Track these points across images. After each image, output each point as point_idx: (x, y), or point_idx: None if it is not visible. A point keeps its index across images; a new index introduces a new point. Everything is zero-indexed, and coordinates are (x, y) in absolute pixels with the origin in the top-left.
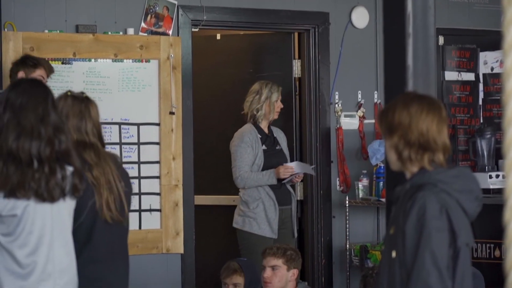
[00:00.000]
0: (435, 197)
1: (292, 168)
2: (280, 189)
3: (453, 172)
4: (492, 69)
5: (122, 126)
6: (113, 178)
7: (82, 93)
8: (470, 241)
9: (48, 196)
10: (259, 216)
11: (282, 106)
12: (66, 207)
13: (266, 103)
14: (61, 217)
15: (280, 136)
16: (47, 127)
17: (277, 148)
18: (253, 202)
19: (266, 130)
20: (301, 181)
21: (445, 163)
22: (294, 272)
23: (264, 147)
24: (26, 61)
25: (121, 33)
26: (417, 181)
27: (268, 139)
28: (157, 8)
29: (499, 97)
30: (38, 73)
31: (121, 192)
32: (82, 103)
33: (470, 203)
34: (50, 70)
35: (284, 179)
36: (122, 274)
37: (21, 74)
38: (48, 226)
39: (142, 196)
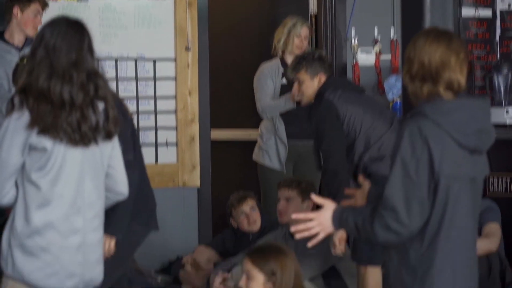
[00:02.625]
0: (416, 126)
1: None
2: (298, 121)
3: (451, 104)
4: (509, 5)
5: (138, 61)
6: None
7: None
8: (463, 174)
9: (80, 140)
10: (270, 148)
11: (305, 42)
12: (99, 150)
13: (289, 35)
14: (93, 153)
15: None
16: (80, 73)
17: None
18: (267, 134)
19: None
20: None
21: (463, 91)
22: (309, 204)
23: (284, 80)
24: None
25: None
26: (413, 111)
27: None
28: None
29: None
30: (33, 8)
31: None
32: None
33: (465, 136)
34: (44, 4)
35: None
36: None
37: (15, 10)
38: (79, 161)
39: (159, 131)
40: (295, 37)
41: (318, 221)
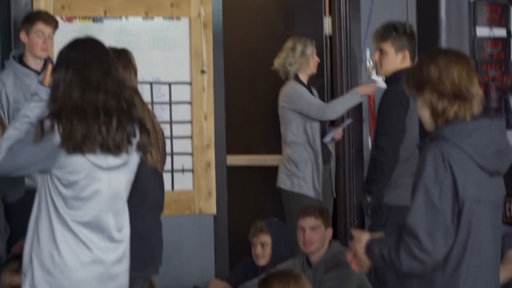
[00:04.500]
0: (438, 150)
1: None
2: (322, 149)
3: (470, 126)
4: None
5: (153, 85)
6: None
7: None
8: (485, 198)
9: (114, 147)
10: (308, 176)
11: (318, 59)
12: (126, 167)
13: (302, 57)
14: (118, 181)
15: (315, 94)
16: (113, 81)
17: None
18: (302, 162)
19: (307, 84)
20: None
21: (478, 113)
22: (330, 231)
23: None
24: (25, 18)
25: None
26: (433, 135)
27: (311, 93)
28: None
29: None
30: (36, 29)
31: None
32: (125, 54)
33: (486, 158)
34: (49, 22)
35: (325, 137)
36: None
37: (22, 35)
38: (105, 190)
39: (175, 157)
40: (311, 58)
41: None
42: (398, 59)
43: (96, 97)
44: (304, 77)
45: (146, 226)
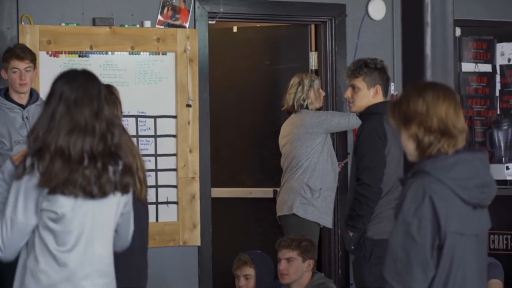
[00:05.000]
0: (420, 185)
1: None
2: None
3: (452, 160)
4: (509, 60)
5: (139, 118)
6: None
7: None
8: (468, 231)
9: (98, 192)
10: (321, 205)
11: (324, 93)
12: (112, 204)
13: (311, 91)
14: (103, 216)
15: None
16: (102, 122)
17: None
18: (317, 191)
19: None
20: None
21: (463, 146)
22: (310, 263)
23: None
24: (2, 56)
25: (137, 25)
26: (414, 170)
27: None
28: (174, 1)
29: None
30: (11, 66)
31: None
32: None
33: (468, 191)
34: (21, 58)
35: None
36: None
37: (2, 73)
38: (88, 225)
39: (159, 189)
40: (320, 91)
41: None
42: (370, 94)
43: (83, 140)
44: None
45: (135, 258)
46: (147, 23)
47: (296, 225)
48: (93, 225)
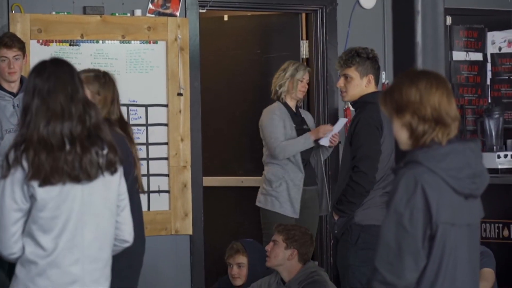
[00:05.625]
0: (412, 175)
1: (331, 127)
2: (305, 169)
3: (444, 150)
4: (500, 49)
5: (130, 107)
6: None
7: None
8: (460, 221)
9: (84, 175)
10: (281, 195)
11: (307, 86)
12: (102, 186)
13: (290, 80)
14: (93, 200)
15: (308, 117)
16: (77, 105)
17: (304, 127)
18: (276, 181)
19: (294, 109)
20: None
21: (455, 134)
22: (293, 253)
23: (293, 123)
24: None
25: (128, 14)
26: (407, 159)
27: (296, 118)
28: None
29: (507, 77)
30: (1, 54)
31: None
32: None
33: (460, 181)
34: (9, 46)
35: (321, 139)
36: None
37: None
38: (76, 210)
39: (151, 178)
40: (299, 82)
41: None
42: (363, 84)
43: (62, 126)
44: (290, 101)
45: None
46: (138, 12)
47: (262, 216)
48: (82, 210)
